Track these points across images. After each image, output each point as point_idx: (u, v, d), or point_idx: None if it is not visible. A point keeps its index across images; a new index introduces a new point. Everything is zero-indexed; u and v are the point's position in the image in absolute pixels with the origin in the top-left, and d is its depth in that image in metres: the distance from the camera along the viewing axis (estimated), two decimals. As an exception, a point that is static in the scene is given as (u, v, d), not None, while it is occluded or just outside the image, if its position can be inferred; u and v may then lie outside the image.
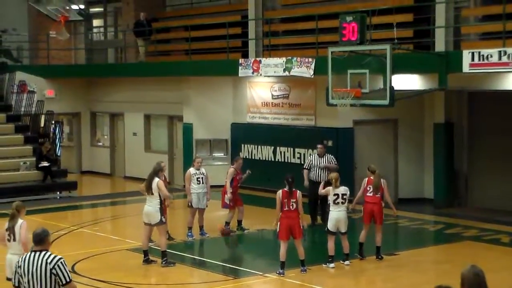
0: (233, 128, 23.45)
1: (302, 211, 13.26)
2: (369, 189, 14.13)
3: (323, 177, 17.18)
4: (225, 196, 16.42)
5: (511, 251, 15.27)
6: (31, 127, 24.85)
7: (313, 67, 19.25)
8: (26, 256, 7.42)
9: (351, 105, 17.04)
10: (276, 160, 21.88)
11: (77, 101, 27.67)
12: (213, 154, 23.59)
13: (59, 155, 25.43)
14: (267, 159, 22.22)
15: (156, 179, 13.90)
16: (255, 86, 22.74)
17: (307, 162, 17.88)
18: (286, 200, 13.00)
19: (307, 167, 17.62)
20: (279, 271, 13.10)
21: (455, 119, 19.68)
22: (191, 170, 16.25)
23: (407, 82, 18.11)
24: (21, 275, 7.35)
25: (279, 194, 13.10)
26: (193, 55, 24.14)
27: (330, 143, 20.35)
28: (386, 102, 16.06)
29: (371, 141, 20.58)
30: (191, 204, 16.07)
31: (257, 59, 21.23)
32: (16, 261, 7.61)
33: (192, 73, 23.43)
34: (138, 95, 25.79)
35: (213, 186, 16.95)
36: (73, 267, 13.34)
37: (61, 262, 7.29)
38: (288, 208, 13.00)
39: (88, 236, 16.67)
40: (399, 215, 17.81)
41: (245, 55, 22.64)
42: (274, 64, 20.32)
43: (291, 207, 13.00)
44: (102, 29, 31.72)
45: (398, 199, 20.25)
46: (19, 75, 26.11)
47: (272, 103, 22.31)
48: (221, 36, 23.16)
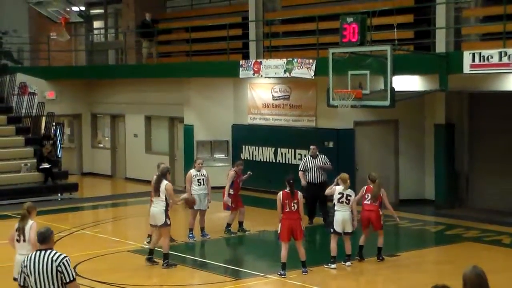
0: (234, 129, 23.46)
1: (302, 212, 13.30)
2: (367, 197, 14.10)
3: (319, 178, 17.50)
4: (224, 198, 16.43)
5: (512, 251, 15.30)
6: (32, 129, 24.85)
7: (313, 68, 19.25)
8: (31, 255, 7.45)
9: (352, 106, 17.06)
10: (277, 161, 21.89)
11: (78, 103, 27.69)
12: (214, 155, 23.60)
13: (59, 156, 25.42)
14: (268, 160, 22.22)
15: (164, 182, 13.89)
16: (256, 87, 22.75)
17: (302, 164, 18.03)
18: (287, 201, 13.01)
19: (302, 169, 17.77)
20: (280, 272, 13.11)
21: (455, 120, 19.68)
22: (192, 171, 16.26)
23: (408, 83, 18.12)
24: (27, 274, 7.39)
25: (280, 195, 13.12)
26: (194, 56, 24.16)
27: (331, 144, 20.38)
28: (386, 103, 16.08)
29: (371, 142, 20.58)
30: (194, 202, 16.08)
31: (258, 60, 21.24)
32: (21, 262, 7.62)
33: (192, 75, 23.43)
34: (138, 96, 25.80)
35: (214, 187, 16.95)
36: (74, 269, 13.31)
37: (66, 260, 7.35)
38: (289, 209, 13.01)
39: (89, 237, 16.68)
40: (400, 216, 17.85)
41: (246, 57, 22.66)
42: (274, 65, 20.33)
43: (293, 208, 13.01)
44: (102, 31, 31.73)
45: (399, 200, 20.27)
46: (20, 77, 26.12)
47: (272, 104, 22.32)
48: (222, 37, 23.18)
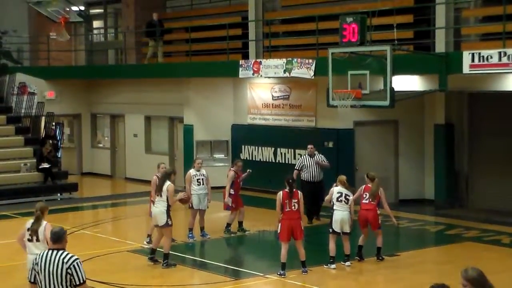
0: (233, 129, 23.46)
1: (303, 212, 13.30)
2: (365, 196, 14.09)
3: (316, 176, 17.70)
4: (225, 199, 16.43)
5: (512, 252, 15.30)
6: (31, 128, 24.85)
7: (313, 68, 19.25)
8: (43, 253, 7.49)
9: (352, 106, 17.06)
10: (276, 161, 21.88)
11: (77, 103, 27.69)
12: (214, 155, 23.60)
13: (59, 156, 25.41)
14: (267, 160, 22.22)
15: (167, 182, 13.89)
16: (256, 87, 22.75)
17: (298, 163, 18.24)
18: (287, 201, 13.01)
19: (298, 168, 17.97)
20: (280, 272, 13.11)
21: (455, 120, 19.69)
22: (192, 171, 16.26)
23: (408, 83, 18.13)
24: (37, 272, 7.43)
25: (280, 195, 13.12)
26: (194, 56, 24.16)
27: (330, 144, 20.39)
28: (386, 103, 16.08)
29: (371, 142, 20.58)
30: (192, 205, 16.09)
31: (258, 60, 21.24)
32: (33, 260, 7.64)
33: (192, 75, 23.43)
34: (138, 96, 25.80)
35: (214, 187, 16.94)
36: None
37: (77, 262, 7.37)
38: (289, 209, 13.01)
39: (89, 237, 16.67)
40: (400, 216, 17.86)
41: (246, 56, 22.65)
42: (274, 65, 20.33)
43: (293, 207, 13.02)
44: (102, 31, 31.72)
45: (398, 200, 20.28)
46: (20, 77, 26.11)
47: (272, 104, 22.32)
48: (221, 37, 23.18)
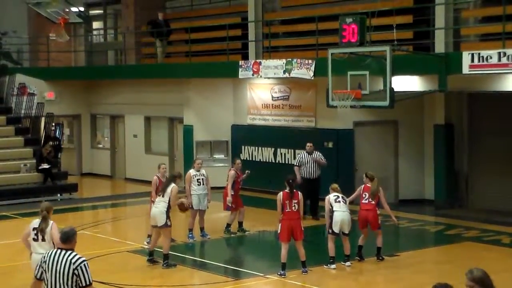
0: (233, 129, 23.46)
1: (302, 212, 13.32)
2: (364, 196, 14.08)
3: (313, 173, 18.28)
4: (227, 198, 16.44)
5: (512, 251, 15.30)
6: (31, 129, 24.85)
7: (313, 69, 19.26)
8: (52, 252, 7.52)
9: (351, 107, 17.07)
10: (276, 161, 21.89)
11: (77, 103, 27.69)
12: (214, 155, 23.61)
13: (59, 157, 25.40)
14: (267, 160, 22.23)
15: (172, 184, 13.88)
16: (255, 87, 22.76)
17: (298, 159, 18.79)
18: (287, 201, 13.03)
19: (297, 164, 18.53)
20: (280, 272, 13.12)
21: (455, 121, 19.69)
22: (191, 171, 16.27)
23: (407, 83, 18.13)
24: (45, 270, 7.46)
25: (280, 196, 13.14)
26: (193, 57, 24.16)
27: (330, 145, 20.40)
28: (386, 103, 16.08)
29: (371, 143, 20.59)
30: (191, 205, 16.10)
31: (257, 60, 21.25)
32: (41, 257, 7.67)
33: (192, 75, 23.43)
34: (138, 97, 25.80)
35: (214, 187, 16.96)
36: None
37: (84, 264, 7.39)
38: (290, 209, 13.03)
39: (89, 238, 16.66)
40: (400, 216, 17.86)
41: (245, 57, 22.66)
42: (274, 65, 20.34)
43: (293, 208, 13.03)
44: (102, 31, 31.73)
45: (398, 200, 20.28)
46: (19, 78, 26.13)
47: (272, 104, 22.33)
48: (221, 38, 23.19)
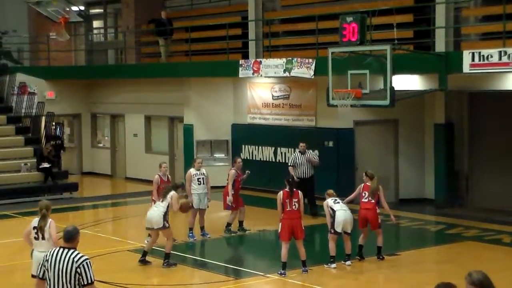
0: (233, 129, 23.46)
1: (303, 211, 13.32)
2: (364, 195, 14.07)
3: (307, 172, 18.43)
4: (227, 198, 16.43)
5: (512, 251, 15.30)
6: (31, 128, 24.86)
7: (313, 68, 19.25)
8: (54, 251, 7.53)
9: (352, 106, 17.07)
10: (276, 160, 21.88)
11: (77, 103, 27.69)
12: (214, 155, 23.61)
13: (60, 157, 25.42)
14: (267, 159, 22.22)
15: (172, 192, 13.86)
16: (256, 87, 22.75)
17: (292, 159, 18.88)
18: (288, 200, 13.03)
19: (291, 164, 18.62)
20: (280, 271, 13.11)
21: (455, 120, 19.68)
22: (192, 170, 16.28)
23: (408, 82, 18.12)
24: (47, 269, 7.46)
25: (280, 195, 13.15)
26: (193, 56, 24.16)
27: (330, 144, 20.40)
28: (386, 102, 16.08)
29: (371, 142, 20.59)
30: (192, 205, 16.09)
31: (258, 60, 21.24)
32: (43, 256, 7.68)
33: (192, 74, 23.42)
34: (138, 96, 25.80)
35: (214, 187, 16.96)
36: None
37: (86, 262, 7.40)
38: (290, 208, 13.03)
39: (89, 237, 16.65)
40: (400, 216, 17.88)
41: (246, 56, 22.65)
42: (274, 65, 20.33)
43: (294, 207, 13.03)
44: (102, 31, 31.73)
45: (399, 199, 20.27)
46: (20, 77, 26.13)
47: (272, 103, 22.32)
48: (221, 37, 23.18)
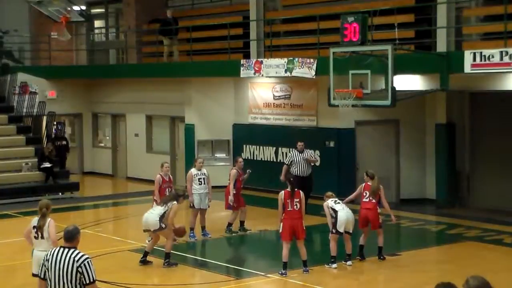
0: (234, 128, 23.46)
1: (304, 211, 13.31)
2: (365, 194, 14.05)
3: (305, 171, 18.29)
4: (229, 197, 16.43)
5: (513, 251, 15.28)
6: (32, 128, 24.86)
7: (314, 68, 19.25)
8: (55, 250, 7.53)
9: (353, 106, 17.04)
10: (278, 160, 21.85)
11: (78, 102, 27.70)
12: (215, 154, 23.61)
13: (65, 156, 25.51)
14: (268, 159, 22.23)
15: (174, 202, 13.78)
16: (257, 86, 22.75)
17: (288, 158, 18.77)
18: (289, 200, 13.02)
19: (287, 163, 18.50)
20: (281, 271, 13.11)
21: (456, 120, 19.68)
22: (193, 170, 16.27)
23: (409, 82, 18.11)
24: (48, 269, 7.46)
25: (281, 195, 13.15)
26: (195, 56, 24.16)
27: (331, 144, 20.39)
28: (387, 102, 16.06)
29: (372, 142, 20.58)
30: (193, 204, 16.11)
31: (259, 59, 21.24)
32: (44, 256, 7.68)
33: (193, 74, 23.42)
34: (139, 96, 25.81)
35: (215, 186, 16.95)
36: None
37: (88, 261, 7.40)
38: (291, 208, 13.02)
39: (90, 237, 16.65)
40: (401, 216, 17.87)
41: (247, 56, 22.65)
42: (275, 64, 20.33)
43: (295, 207, 13.03)
44: (103, 30, 31.74)
45: (400, 199, 20.26)
46: (21, 76, 26.13)
47: (273, 103, 22.32)
48: (223, 37, 23.18)
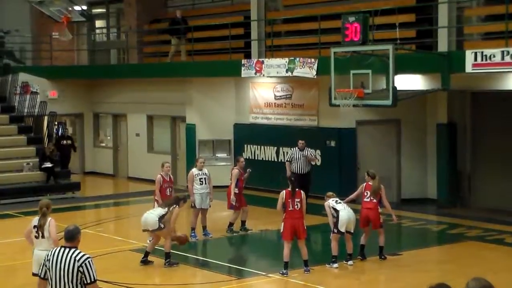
0: (236, 128, 23.46)
1: (305, 211, 13.30)
2: (366, 194, 14.05)
3: (304, 168, 18.57)
4: (231, 197, 16.42)
5: (515, 251, 15.28)
6: (34, 128, 24.86)
7: (315, 68, 19.24)
8: (55, 250, 7.53)
9: (354, 106, 17.05)
10: (279, 160, 21.86)
11: (80, 102, 27.70)
12: (216, 154, 23.61)
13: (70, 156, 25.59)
14: (270, 159, 22.23)
15: (176, 206, 13.80)
16: (258, 86, 22.75)
17: (289, 155, 19.06)
18: (290, 200, 13.02)
19: (289, 160, 18.87)
20: (282, 271, 13.11)
21: (457, 119, 19.67)
22: (194, 170, 16.27)
23: (410, 82, 18.10)
24: (48, 268, 7.46)
25: (282, 194, 13.16)
26: (196, 56, 24.16)
27: (332, 144, 20.39)
28: (388, 102, 16.07)
29: (373, 142, 20.58)
30: (194, 204, 16.11)
31: (260, 59, 21.24)
32: (44, 256, 7.68)
33: (194, 74, 23.42)
34: (140, 96, 25.81)
35: (216, 186, 16.95)
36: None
37: (89, 261, 7.40)
38: (292, 208, 13.02)
39: (91, 236, 16.66)
40: (402, 215, 17.87)
41: (248, 56, 22.65)
42: (276, 64, 20.32)
43: (296, 207, 13.03)
44: (104, 30, 31.75)
45: (401, 199, 20.26)
46: (22, 76, 26.13)
47: (274, 103, 22.32)
48: (224, 37, 23.18)
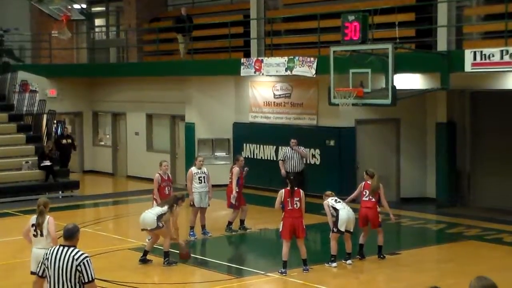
0: (235, 127, 23.45)
1: (304, 210, 13.28)
2: (365, 193, 14.05)
3: (298, 166, 18.89)
4: (231, 196, 16.41)
5: (514, 250, 15.28)
6: (33, 126, 24.86)
7: (315, 67, 19.24)
8: (54, 249, 7.52)
9: (353, 105, 17.02)
10: (278, 159, 21.83)
11: (79, 101, 27.69)
12: (215, 153, 23.60)
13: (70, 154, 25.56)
14: (269, 158, 22.21)
15: (176, 207, 13.77)
16: (257, 85, 22.74)
17: (282, 154, 19.35)
18: (289, 199, 13.01)
19: (282, 159, 19.13)
20: (281, 270, 13.10)
21: (457, 119, 19.67)
22: (193, 169, 16.26)
23: (409, 81, 18.10)
24: (47, 267, 7.45)
25: (281, 192, 13.16)
26: (195, 54, 24.14)
27: (332, 143, 20.38)
28: (388, 101, 16.05)
29: (373, 141, 20.57)
30: (193, 203, 16.10)
31: (259, 58, 21.23)
32: (43, 254, 7.68)
33: (194, 73, 23.42)
34: (140, 94, 25.80)
35: (215, 185, 16.95)
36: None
37: (87, 260, 7.40)
38: (291, 207, 13.01)
39: (90, 235, 16.65)
40: (402, 215, 17.87)
41: (247, 55, 22.64)
42: (276, 63, 20.31)
43: (295, 206, 13.02)
44: (104, 29, 31.74)
45: (400, 198, 20.25)
46: (21, 75, 26.11)
47: (274, 102, 22.31)
48: (223, 35, 23.17)
